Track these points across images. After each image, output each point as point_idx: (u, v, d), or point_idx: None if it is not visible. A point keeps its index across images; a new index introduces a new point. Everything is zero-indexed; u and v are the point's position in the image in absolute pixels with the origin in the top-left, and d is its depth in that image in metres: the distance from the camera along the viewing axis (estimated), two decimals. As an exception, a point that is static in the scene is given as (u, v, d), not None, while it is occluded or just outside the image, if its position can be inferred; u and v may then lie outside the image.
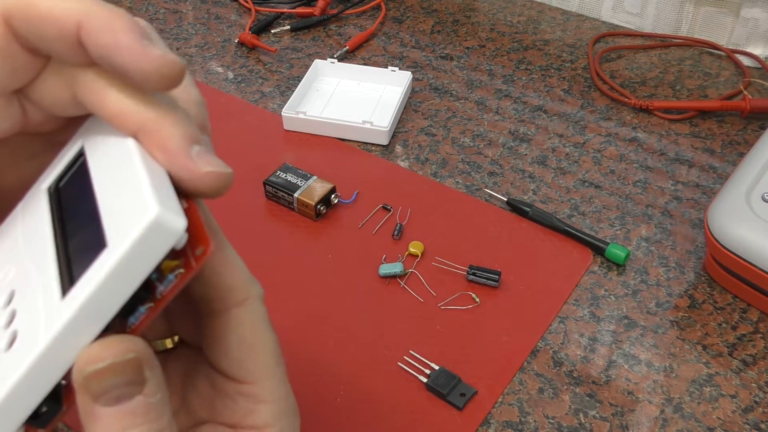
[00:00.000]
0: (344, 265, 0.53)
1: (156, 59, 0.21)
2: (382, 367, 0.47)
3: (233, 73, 0.73)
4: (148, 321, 0.22)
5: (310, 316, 0.50)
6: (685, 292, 0.51)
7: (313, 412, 0.44)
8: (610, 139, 0.64)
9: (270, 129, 0.65)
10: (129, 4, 0.84)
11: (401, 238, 0.55)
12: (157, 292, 0.22)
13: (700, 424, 0.43)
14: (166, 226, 0.20)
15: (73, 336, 0.21)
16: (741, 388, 0.45)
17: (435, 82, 0.71)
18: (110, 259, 0.20)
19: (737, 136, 0.64)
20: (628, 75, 0.72)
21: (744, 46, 0.74)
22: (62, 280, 0.22)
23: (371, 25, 0.79)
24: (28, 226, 0.24)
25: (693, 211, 0.57)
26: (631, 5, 0.78)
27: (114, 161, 0.23)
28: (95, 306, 0.20)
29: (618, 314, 0.50)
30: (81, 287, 0.21)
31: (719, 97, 0.68)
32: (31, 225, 0.24)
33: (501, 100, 0.69)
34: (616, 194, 0.59)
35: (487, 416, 0.44)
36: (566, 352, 0.47)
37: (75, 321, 0.20)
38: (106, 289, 0.20)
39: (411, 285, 0.51)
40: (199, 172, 0.22)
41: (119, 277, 0.20)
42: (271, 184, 0.57)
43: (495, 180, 0.60)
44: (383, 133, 0.63)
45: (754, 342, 0.48)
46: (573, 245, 0.54)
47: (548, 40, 0.77)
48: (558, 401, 0.45)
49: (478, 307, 0.50)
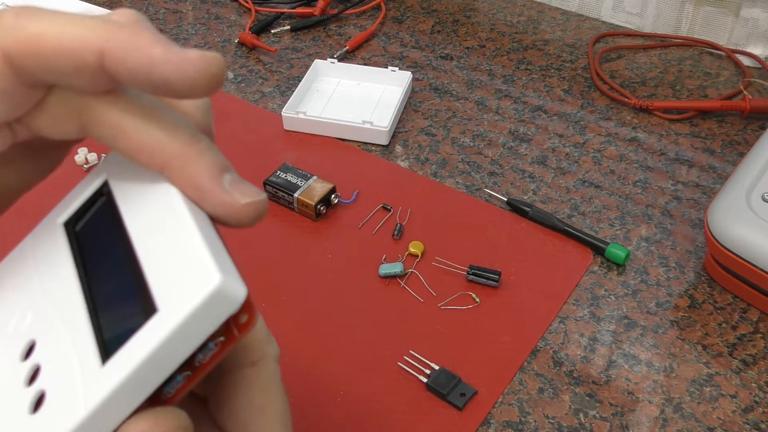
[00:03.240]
0: (344, 265, 0.53)
1: (198, 61, 0.19)
2: (382, 367, 0.46)
3: (233, 73, 0.73)
4: (185, 390, 0.21)
5: (310, 316, 0.50)
6: (685, 292, 0.51)
7: (313, 412, 0.44)
8: (610, 139, 0.64)
9: (270, 129, 0.65)
10: (129, 5, 0.84)
11: (401, 238, 0.55)
12: (196, 360, 0.20)
13: (700, 424, 0.43)
14: (227, 296, 0.19)
15: (115, 407, 0.19)
16: (741, 388, 0.45)
17: (435, 82, 0.71)
18: (164, 327, 0.19)
19: (737, 136, 0.64)
20: (628, 75, 0.72)
21: (744, 46, 0.74)
22: (100, 341, 0.20)
23: (371, 25, 0.79)
24: (45, 267, 0.22)
25: (693, 211, 0.57)
26: (631, 5, 0.78)
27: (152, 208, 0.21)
28: (142, 377, 0.19)
29: (618, 314, 0.50)
30: (127, 355, 0.19)
31: (719, 97, 0.68)
32: (48, 265, 0.22)
33: (501, 100, 0.69)
34: (616, 194, 0.59)
35: (487, 416, 0.44)
36: (566, 352, 0.47)
37: (119, 392, 0.19)
38: (155, 360, 0.19)
39: (411, 285, 0.51)
40: (237, 206, 0.20)
41: (171, 348, 0.19)
42: (271, 184, 0.57)
43: (495, 180, 0.60)
44: (383, 133, 0.63)
45: (754, 342, 0.48)
46: (573, 245, 0.54)
47: (548, 40, 0.77)
48: (558, 401, 0.45)
49: (478, 307, 0.50)
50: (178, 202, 0.20)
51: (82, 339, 0.20)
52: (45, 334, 0.21)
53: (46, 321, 0.21)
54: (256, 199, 0.21)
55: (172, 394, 0.21)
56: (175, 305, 0.19)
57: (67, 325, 0.21)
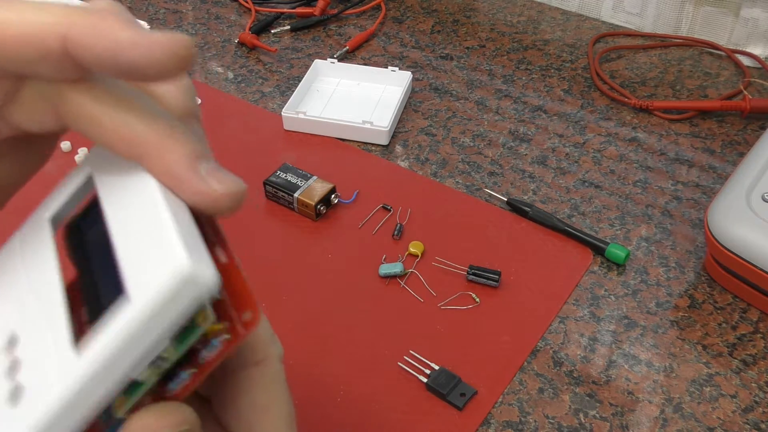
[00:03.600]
0: (344, 265, 0.53)
1: (166, 43, 0.19)
2: (382, 367, 0.46)
3: (233, 73, 0.73)
4: (190, 389, 0.21)
5: (310, 316, 0.50)
6: (685, 292, 0.51)
7: (313, 412, 0.44)
8: (610, 139, 0.64)
9: (270, 129, 0.65)
10: (129, 4, 0.84)
11: (401, 238, 0.55)
12: (200, 357, 0.20)
13: (700, 424, 0.43)
14: (196, 280, 0.19)
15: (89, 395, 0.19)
16: (741, 388, 0.45)
17: (435, 82, 0.71)
18: (133, 314, 0.19)
19: (737, 136, 0.64)
20: (628, 75, 0.72)
21: (744, 46, 0.74)
22: (76, 332, 0.20)
23: (371, 25, 0.79)
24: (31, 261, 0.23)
25: (693, 211, 0.57)
26: (631, 5, 0.78)
27: (131, 198, 0.21)
28: (115, 363, 0.19)
29: (618, 314, 0.50)
30: (100, 343, 0.19)
31: (719, 97, 0.68)
32: (33, 259, 0.23)
33: (501, 100, 0.69)
34: (616, 194, 0.59)
35: (487, 416, 0.44)
36: (566, 352, 0.47)
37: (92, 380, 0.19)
38: (128, 347, 0.19)
39: (411, 285, 0.51)
40: (212, 196, 0.20)
41: (143, 334, 0.19)
42: (271, 184, 0.57)
43: (495, 180, 0.60)
44: (383, 133, 0.63)
45: (754, 342, 0.48)
46: (573, 245, 0.54)
47: (548, 40, 0.77)
48: (558, 401, 0.45)
49: (478, 307, 0.50)
50: (154, 191, 0.21)
51: (59, 330, 0.20)
52: (26, 327, 0.21)
53: (28, 315, 0.21)
54: (233, 188, 0.20)
55: (177, 391, 0.21)
56: (144, 291, 0.19)
57: (47, 318, 0.21)
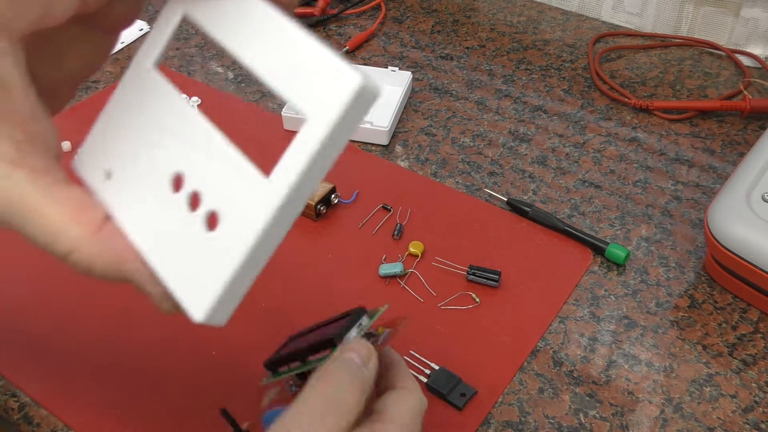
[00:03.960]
0: (344, 265, 0.53)
1: None
2: (382, 367, 0.46)
3: (233, 73, 0.73)
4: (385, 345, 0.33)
5: (310, 316, 0.50)
6: (685, 292, 0.51)
7: (313, 412, 0.44)
8: (610, 139, 0.64)
9: (270, 129, 0.65)
10: (129, 4, 0.84)
11: (401, 238, 0.55)
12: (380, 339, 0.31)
13: (700, 424, 0.43)
14: (369, 90, 0.21)
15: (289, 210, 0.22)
16: (741, 388, 0.45)
17: (435, 82, 0.71)
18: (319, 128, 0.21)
19: (737, 136, 0.64)
20: (628, 75, 0.72)
21: (744, 46, 0.74)
22: None
23: (371, 25, 0.79)
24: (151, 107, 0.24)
25: (693, 211, 0.57)
26: (631, 5, 0.78)
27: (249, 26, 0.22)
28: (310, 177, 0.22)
29: (618, 314, 0.50)
30: (288, 163, 0.22)
31: (719, 97, 0.68)
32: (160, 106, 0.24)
33: (501, 100, 0.69)
34: (616, 194, 0.59)
35: (487, 416, 0.44)
36: (566, 352, 0.47)
37: (293, 195, 0.22)
38: (319, 159, 0.21)
39: (411, 285, 0.51)
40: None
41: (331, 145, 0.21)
42: (271, 184, 0.57)
43: (495, 180, 0.60)
44: (383, 133, 0.63)
45: (754, 342, 0.48)
46: (573, 245, 0.54)
47: (548, 40, 0.77)
48: (558, 401, 0.45)
49: (478, 307, 0.50)
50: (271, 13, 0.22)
51: (233, 160, 0.22)
52: (188, 163, 0.23)
53: (182, 152, 0.23)
54: None
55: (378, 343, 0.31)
56: (324, 110, 0.21)
57: (209, 151, 0.23)
